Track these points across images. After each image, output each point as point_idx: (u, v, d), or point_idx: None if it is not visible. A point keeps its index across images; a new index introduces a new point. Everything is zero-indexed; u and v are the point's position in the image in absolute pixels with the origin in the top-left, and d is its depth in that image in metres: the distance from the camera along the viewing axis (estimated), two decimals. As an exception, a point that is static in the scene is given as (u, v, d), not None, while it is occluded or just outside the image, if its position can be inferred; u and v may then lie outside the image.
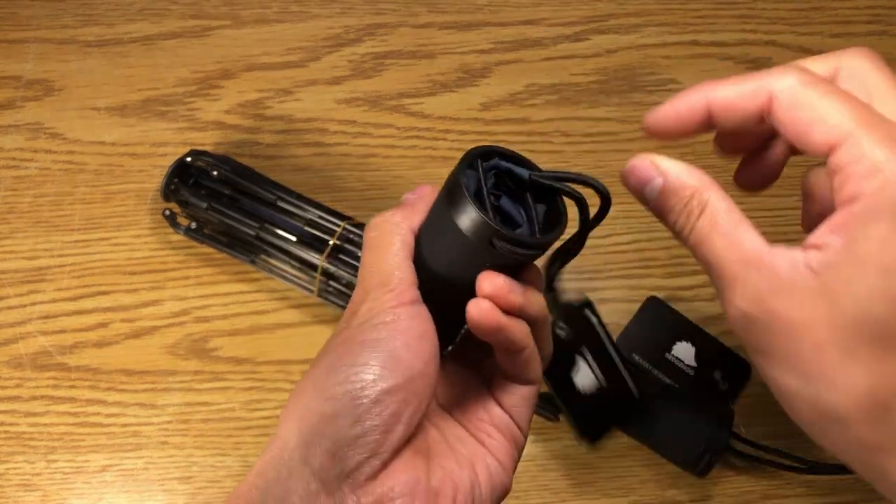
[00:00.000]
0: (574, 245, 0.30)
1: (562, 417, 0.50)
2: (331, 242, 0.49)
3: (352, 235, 0.50)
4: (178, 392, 0.51)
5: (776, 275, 0.23)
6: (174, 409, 0.51)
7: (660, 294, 0.52)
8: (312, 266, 0.50)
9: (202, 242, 0.54)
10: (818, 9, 0.64)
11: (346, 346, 0.27)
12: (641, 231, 0.56)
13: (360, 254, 0.49)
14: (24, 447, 0.50)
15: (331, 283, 0.50)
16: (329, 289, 0.50)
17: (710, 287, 0.34)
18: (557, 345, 0.33)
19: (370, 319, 0.27)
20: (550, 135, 0.59)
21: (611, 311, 0.53)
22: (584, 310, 0.46)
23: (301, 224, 0.51)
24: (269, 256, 0.52)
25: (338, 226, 0.50)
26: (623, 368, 0.46)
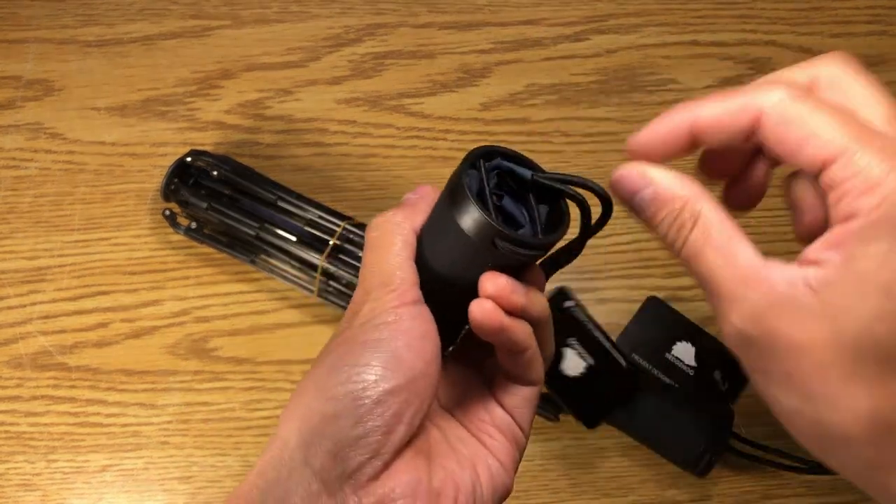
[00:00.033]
0: (573, 249, 0.30)
1: (562, 417, 0.50)
2: (331, 242, 0.49)
3: (352, 235, 0.50)
4: (178, 392, 0.51)
5: (774, 293, 0.22)
6: (174, 409, 0.51)
7: (660, 294, 0.52)
8: (312, 266, 0.50)
9: (202, 242, 0.54)
10: (818, 9, 0.64)
11: (348, 346, 0.27)
12: (641, 231, 0.56)
13: (361, 254, 0.49)
14: (25, 447, 0.50)
15: (331, 283, 0.50)
16: (329, 289, 0.50)
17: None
18: None
19: (372, 319, 0.27)
20: (550, 135, 0.59)
21: (611, 311, 0.54)
22: (561, 301, 0.46)
23: (301, 224, 0.51)
24: (269, 256, 0.52)
25: (338, 226, 0.50)
26: (607, 343, 0.46)
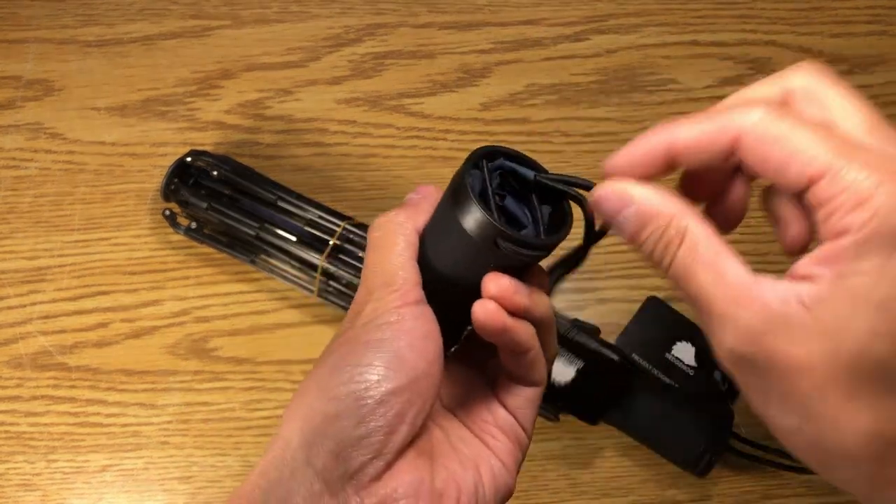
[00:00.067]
0: (576, 257, 0.30)
1: (562, 417, 0.50)
2: (331, 242, 0.49)
3: (352, 235, 0.50)
4: (178, 392, 0.51)
5: (767, 311, 0.22)
6: (174, 409, 0.51)
7: (660, 294, 0.52)
8: (312, 266, 0.50)
9: (202, 242, 0.53)
10: (818, 9, 0.64)
11: (350, 346, 0.27)
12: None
13: (361, 254, 0.49)
14: (25, 447, 0.50)
15: (331, 283, 0.50)
16: (329, 289, 0.50)
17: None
18: None
19: (374, 319, 0.27)
20: (550, 135, 0.59)
21: (611, 311, 0.53)
22: None
23: (301, 224, 0.51)
24: (269, 256, 0.52)
25: (338, 226, 0.50)
26: (594, 343, 0.46)
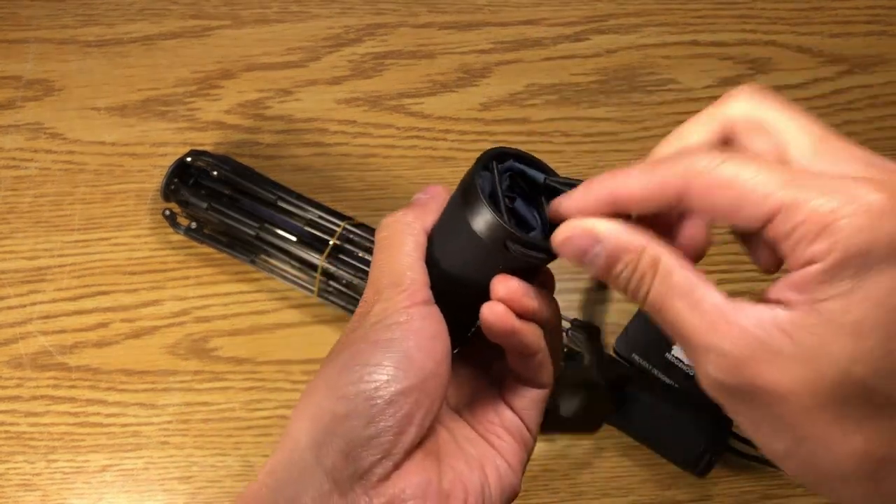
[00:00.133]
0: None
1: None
2: (331, 242, 0.49)
3: (352, 235, 0.50)
4: (178, 392, 0.51)
5: (747, 338, 0.21)
6: (174, 409, 0.51)
7: (660, 294, 0.52)
8: (312, 266, 0.50)
9: (202, 242, 0.53)
10: (818, 9, 0.64)
11: (360, 346, 0.27)
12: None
13: (361, 254, 0.49)
14: (25, 447, 0.50)
15: (331, 283, 0.50)
16: (329, 289, 0.50)
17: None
18: None
19: (383, 319, 0.27)
20: (550, 135, 0.59)
21: (611, 311, 0.53)
22: None
23: (301, 224, 0.51)
24: (269, 256, 0.52)
25: (338, 226, 0.50)
26: (588, 356, 0.46)
